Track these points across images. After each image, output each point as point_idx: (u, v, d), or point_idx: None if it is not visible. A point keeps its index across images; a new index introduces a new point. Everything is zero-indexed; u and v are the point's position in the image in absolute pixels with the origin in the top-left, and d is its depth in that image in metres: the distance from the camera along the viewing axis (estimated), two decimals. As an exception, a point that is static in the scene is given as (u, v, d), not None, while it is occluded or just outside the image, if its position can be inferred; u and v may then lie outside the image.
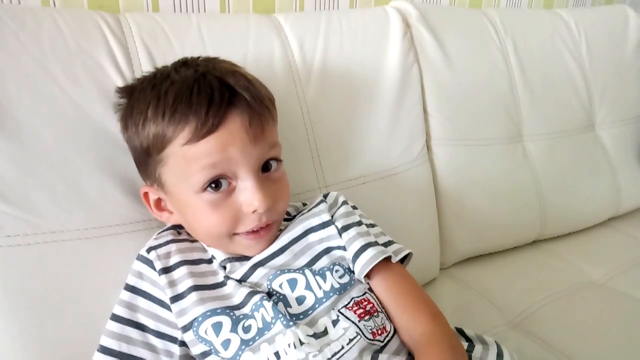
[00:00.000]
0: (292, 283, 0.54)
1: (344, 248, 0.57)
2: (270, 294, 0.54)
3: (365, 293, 0.55)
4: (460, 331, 0.61)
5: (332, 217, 0.59)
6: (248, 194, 0.52)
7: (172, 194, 0.55)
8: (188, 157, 0.51)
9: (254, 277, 0.55)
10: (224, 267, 0.56)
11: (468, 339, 0.60)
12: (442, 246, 0.91)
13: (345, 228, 0.58)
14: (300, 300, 0.53)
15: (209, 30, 0.71)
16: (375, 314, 0.54)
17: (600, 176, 1.10)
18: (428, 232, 0.87)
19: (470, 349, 0.57)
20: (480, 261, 0.96)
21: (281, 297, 0.53)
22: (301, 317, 0.52)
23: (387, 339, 0.52)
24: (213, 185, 0.52)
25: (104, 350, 0.52)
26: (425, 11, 0.92)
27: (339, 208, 0.61)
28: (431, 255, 0.89)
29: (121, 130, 0.59)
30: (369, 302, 0.54)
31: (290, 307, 0.53)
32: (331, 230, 0.58)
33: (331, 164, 0.77)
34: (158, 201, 0.58)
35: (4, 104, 0.55)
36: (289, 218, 0.62)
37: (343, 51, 0.80)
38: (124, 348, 0.52)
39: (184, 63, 0.56)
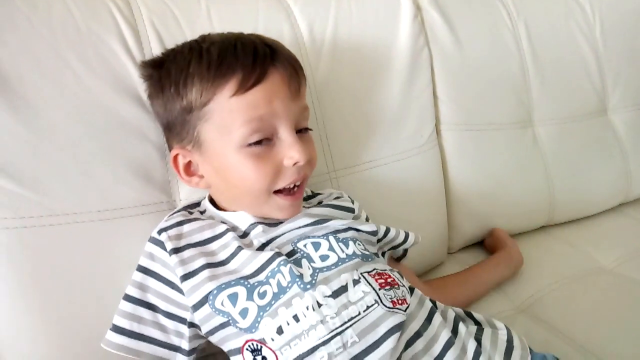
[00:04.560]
0: (316, 245, 0.55)
1: (372, 233, 0.61)
2: (293, 252, 0.55)
3: (388, 270, 0.56)
4: (469, 314, 0.62)
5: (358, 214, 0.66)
6: (290, 147, 0.54)
7: (210, 152, 0.55)
8: (234, 109, 0.52)
9: (279, 240, 0.56)
10: (245, 235, 0.57)
11: (477, 323, 0.61)
12: (449, 231, 0.91)
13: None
14: (323, 258, 0.54)
15: (219, 14, 0.70)
16: (397, 286, 0.54)
17: (611, 161, 1.09)
18: (436, 217, 0.88)
19: (479, 333, 0.57)
20: (488, 246, 0.96)
21: (305, 254, 0.54)
22: (325, 269, 0.53)
23: (409, 310, 0.53)
24: (255, 143, 0.53)
25: (116, 329, 0.53)
26: (436, -7, 0.90)
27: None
28: (439, 239, 0.89)
29: (150, 97, 0.59)
30: (391, 277, 0.55)
31: (314, 262, 0.54)
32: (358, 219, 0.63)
33: (340, 148, 0.77)
34: (188, 165, 0.58)
35: (16, 87, 0.56)
36: (306, 197, 0.64)
37: (353, 35, 0.79)
38: (135, 327, 0.53)
39: (210, 34, 0.58)
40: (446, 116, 0.89)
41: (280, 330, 0.49)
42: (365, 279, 0.53)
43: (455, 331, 0.55)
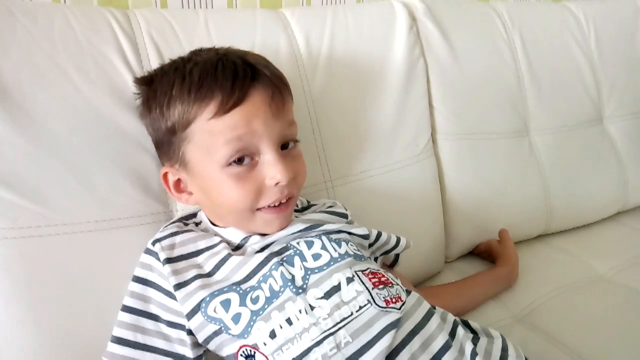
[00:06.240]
0: (309, 243, 0.56)
1: (364, 237, 0.61)
2: (286, 248, 0.56)
3: (382, 270, 0.57)
4: (466, 323, 0.62)
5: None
6: (271, 167, 0.54)
7: (195, 171, 0.56)
8: (214, 131, 0.52)
9: (274, 245, 0.57)
10: (239, 247, 0.58)
11: (473, 331, 0.61)
12: (447, 240, 0.91)
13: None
14: (315, 257, 0.55)
15: (216, 26, 0.71)
16: (390, 285, 0.55)
17: (607, 170, 1.09)
18: (433, 226, 0.88)
19: (475, 341, 0.57)
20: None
21: (297, 251, 0.55)
22: (316, 270, 0.53)
23: (405, 308, 0.53)
24: (237, 160, 0.54)
25: (119, 340, 0.53)
26: (431, 5, 0.92)
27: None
28: (436, 248, 0.89)
29: (141, 116, 0.60)
30: (384, 276, 0.55)
31: (306, 261, 0.54)
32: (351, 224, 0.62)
33: (336, 158, 0.77)
34: (177, 182, 0.59)
35: (17, 98, 0.57)
36: (298, 210, 0.64)
37: (349, 46, 0.80)
38: (139, 338, 0.53)
39: (201, 50, 0.59)
40: (442, 125, 0.90)
41: (273, 334, 0.49)
42: (359, 278, 0.53)
43: (453, 334, 0.55)
